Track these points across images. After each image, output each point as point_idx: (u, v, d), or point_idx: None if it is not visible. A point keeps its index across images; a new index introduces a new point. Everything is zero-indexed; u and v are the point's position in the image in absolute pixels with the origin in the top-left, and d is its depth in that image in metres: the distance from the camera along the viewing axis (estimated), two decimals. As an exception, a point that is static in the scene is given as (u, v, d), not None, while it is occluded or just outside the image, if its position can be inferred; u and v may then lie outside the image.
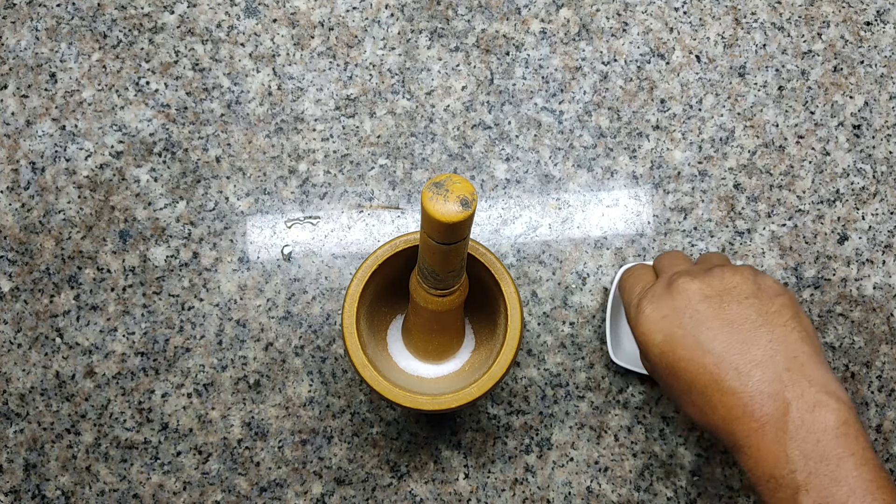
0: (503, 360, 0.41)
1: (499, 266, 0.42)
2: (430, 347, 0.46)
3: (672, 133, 0.54)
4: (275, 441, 0.51)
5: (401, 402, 0.41)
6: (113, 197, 0.53)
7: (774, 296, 0.39)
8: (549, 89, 0.54)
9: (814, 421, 0.35)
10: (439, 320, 0.43)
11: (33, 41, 0.54)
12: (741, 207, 0.53)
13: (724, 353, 0.37)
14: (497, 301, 0.44)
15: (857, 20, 0.56)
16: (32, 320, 0.51)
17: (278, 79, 0.54)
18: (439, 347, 0.46)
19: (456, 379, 0.46)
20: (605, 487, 0.50)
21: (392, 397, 0.41)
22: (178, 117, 0.53)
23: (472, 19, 0.55)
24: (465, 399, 0.41)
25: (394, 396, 0.41)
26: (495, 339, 0.45)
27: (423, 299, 0.41)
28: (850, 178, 0.54)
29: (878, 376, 0.52)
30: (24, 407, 0.51)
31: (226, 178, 0.53)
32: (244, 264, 0.52)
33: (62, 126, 0.53)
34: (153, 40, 0.54)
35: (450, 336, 0.45)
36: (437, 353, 0.46)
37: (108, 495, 0.50)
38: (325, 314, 0.52)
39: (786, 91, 0.55)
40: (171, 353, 0.51)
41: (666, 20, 0.55)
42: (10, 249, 0.52)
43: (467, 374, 0.46)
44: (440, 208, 0.34)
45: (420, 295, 0.41)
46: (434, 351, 0.46)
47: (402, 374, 0.46)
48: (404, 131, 0.54)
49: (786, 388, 0.36)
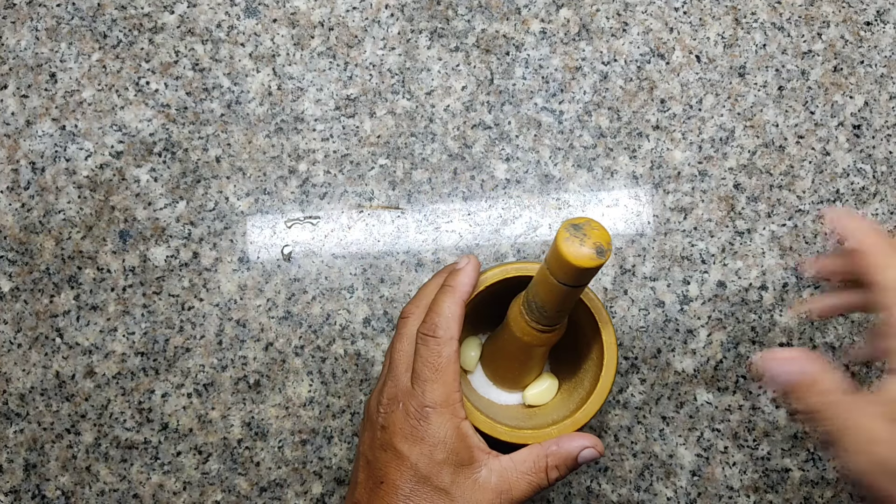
0: (589, 409, 0.41)
1: (604, 314, 0.42)
2: (508, 375, 0.45)
3: (672, 133, 0.54)
4: (275, 441, 0.51)
5: (479, 426, 0.40)
6: (113, 197, 0.53)
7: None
8: (549, 89, 0.54)
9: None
10: (529, 353, 0.42)
11: (33, 41, 0.54)
12: (741, 207, 0.53)
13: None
14: (589, 345, 0.43)
15: (857, 20, 0.56)
16: (32, 320, 0.51)
17: (278, 79, 0.54)
18: (518, 377, 0.45)
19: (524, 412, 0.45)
20: (605, 487, 0.50)
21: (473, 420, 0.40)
22: (178, 117, 0.53)
23: (472, 19, 0.55)
24: (542, 437, 0.40)
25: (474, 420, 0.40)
26: (577, 381, 0.44)
27: (521, 330, 0.41)
28: (850, 178, 0.54)
29: (878, 376, 0.52)
30: (24, 407, 0.51)
31: (226, 178, 0.53)
32: (244, 264, 0.52)
33: (62, 126, 0.53)
34: (153, 40, 0.54)
35: (531, 369, 0.45)
36: (513, 381, 0.45)
37: (108, 495, 0.50)
38: (325, 314, 0.52)
39: (786, 91, 0.55)
40: (171, 353, 0.51)
41: (666, 20, 0.55)
42: (10, 249, 0.52)
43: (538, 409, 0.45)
44: (575, 251, 0.34)
45: (519, 325, 0.41)
46: (511, 379, 0.45)
47: (473, 393, 0.46)
48: (404, 131, 0.54)
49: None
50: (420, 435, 0.38)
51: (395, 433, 0.38)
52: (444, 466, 0.38)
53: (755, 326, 0.52)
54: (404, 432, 0.38)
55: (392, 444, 0.38)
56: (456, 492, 0.38)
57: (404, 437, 0.38)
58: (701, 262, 0.53)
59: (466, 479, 0.38)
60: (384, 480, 0.38)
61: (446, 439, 0.38)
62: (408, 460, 0.38)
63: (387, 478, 0.38)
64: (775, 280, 0.53)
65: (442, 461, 0.38)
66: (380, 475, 0.39)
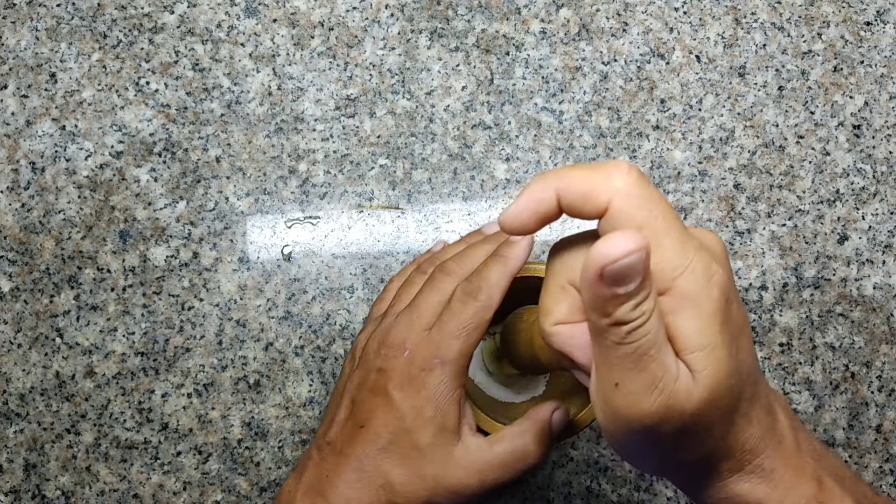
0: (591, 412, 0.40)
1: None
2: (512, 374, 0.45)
3: (672, 133, 0.54)
4: (275, 441, 0.51)
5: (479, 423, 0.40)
6: (113, 197, 0.53)
7: None
8: (549, 89, 0.54)
9: None
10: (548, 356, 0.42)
11: (33, 41, 0.54)
12: (741, 207, 0.53)
13: None
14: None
15: (857, 20, 0.56)
16: (32, 320, 0.51)
17: (278, 79, 0.54)
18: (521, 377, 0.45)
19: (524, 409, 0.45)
20: (605, 487, 0.50)
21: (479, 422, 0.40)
22: (178, 117, 0.53)
23: (472, 19, 0.55)
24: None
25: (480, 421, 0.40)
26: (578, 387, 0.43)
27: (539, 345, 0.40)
28: (850, 178, 0.54)
29: (878, 376, 0.52)
30: (24, 407, 0.51)
31: (226, 178, 0.53)
32: (244, 264, 0.52)
33: (62, 126, 0.53)
34: (153, 40, 0.54)
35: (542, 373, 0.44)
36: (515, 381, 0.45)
37: (108, 495, 0.50)
38: (325, 314, 0.52)
39: (786, 91, 0.55)
40: (171, 353, 0.51)
41: (666, 20, 0.55)
42: (10, 249, 0.52)
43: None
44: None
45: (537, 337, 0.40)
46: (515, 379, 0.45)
47: (475, 389, 0.45)
48: (404, 131, 0.54)
49: None
50: (418, 386, 0.37)
51: (392, 379, 0.37)
52: (429, 425, 0.37)
53: (755, 326, 0.52)
54: (402, 380, 0.37)
55: (385, 389, 0.37)
56: (431, 454, 0.37)
57: (400, 385, 0.37)
58: (701, 262, 0.53)
59: (445, 445, 0.37)
60: (365, 425, 0.37)
61: (441, 397, 0.37)
62: (397, 409, 0.37)
63: (369, 423, 0.37)
64: (775, 280, 0.53)
65: (429, 419, 0.37)
66: (363, 418, 0.38)
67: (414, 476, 0.37)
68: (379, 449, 0.37)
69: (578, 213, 0.26)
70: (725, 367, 0.26)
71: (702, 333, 0.25)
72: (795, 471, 0.30)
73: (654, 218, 0.25)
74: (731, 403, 0.27)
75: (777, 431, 0.30)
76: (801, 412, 0.52)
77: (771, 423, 0.30)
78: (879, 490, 0.51)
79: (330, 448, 0.39)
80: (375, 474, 0.37)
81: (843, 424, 0.52)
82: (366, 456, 0.37)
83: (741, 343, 0.27)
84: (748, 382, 0.28)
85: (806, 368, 0.52)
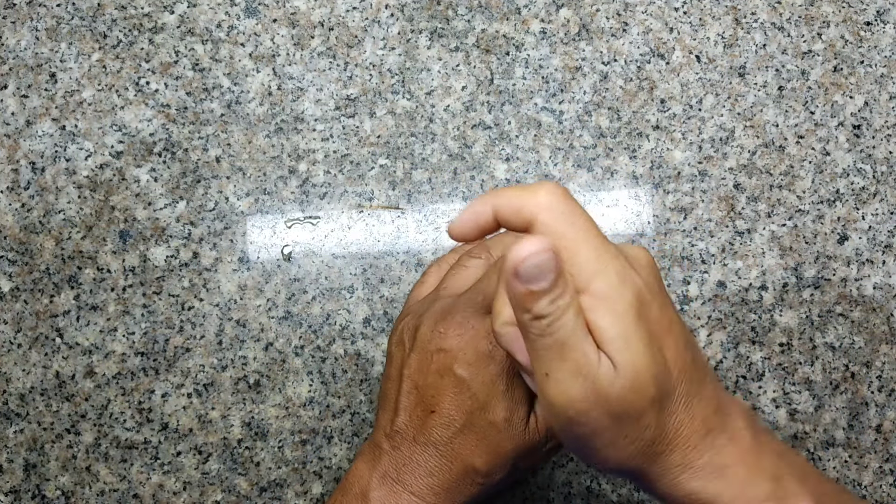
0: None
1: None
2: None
3: (672, 133, 0.54)
4: (275, 441, 0.51)
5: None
6: (113, 197, 0.53)
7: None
8: (549, 89, 0.54)
9: None
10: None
11: (33, 41, 0.54)
12: (741, 207, 0.53)
13: None
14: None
15: (857, 20, 0.56)
16: (32, 320, 0.51)
17: (278, 79, 0.54)
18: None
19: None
20: (605, 487, 0.50)
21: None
22: (178, 117, 0.53)
23: (472, 19, 0.55)
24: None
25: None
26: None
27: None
28: (850, 178, 0.54)
29: (878, 376, 0.52)
30: (24, 407, 0.51)
31: (226, 178, 0.53)
32: (244, 264, 0.52)
33: (62, 126, 0.53)
34: (153, 40, 0.54)
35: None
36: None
37: (108, 495, 0.50)
38: (325, 314, 0.52)
39: (786, 91, 0.55)
40: (171, 353, 0.51)
41: (666, 20, 0.55)
42: (10, 249, 0.52)
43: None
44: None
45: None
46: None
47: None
48: (404, 131, 0.54)
49: None
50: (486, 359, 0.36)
51: (458, 357, 0.37)
52: (503, 399, 0.36)
53: (755, 326, 0.52)
54: (468, 356, 0.37)
55: (451, 370, 0.37)
56: (508, 430, 0.36)
57: (467, 363, 0.37)
58: (701, 263, 0.53)
59: (520, 419, 0.37)
60: (436, 409, 0.37)
61: (511, 369, 0.36)
62: (468, 389, 0.36)
63: (439, 406, 0.37)
64: (775, 280, 0.53)
65: (502, 393, 0.36)
66: (432, 403, 0.37)
67: (493, 455, 0.37)
68: (455, 432, 0.36)
69: (512, 225, 0.30)
70: (644, 358, 0.29)
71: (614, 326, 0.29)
72: (751, 469, 0.31)
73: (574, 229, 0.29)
74: (658, 394, 0.29)
75: (729, 430, 0.31)
76: (801, 412, 0.52)
77: (720, 423, 0.31)
78: (880, 490, 0.51)
79: (401, 437, 0.38)
80: (454, 459, 0.37)
81: (843, 424, 0.52)
82: (442, 442, 0.37)
83: (667, 342, 0.30)
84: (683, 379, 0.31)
85: (806, 368, 0.52)
